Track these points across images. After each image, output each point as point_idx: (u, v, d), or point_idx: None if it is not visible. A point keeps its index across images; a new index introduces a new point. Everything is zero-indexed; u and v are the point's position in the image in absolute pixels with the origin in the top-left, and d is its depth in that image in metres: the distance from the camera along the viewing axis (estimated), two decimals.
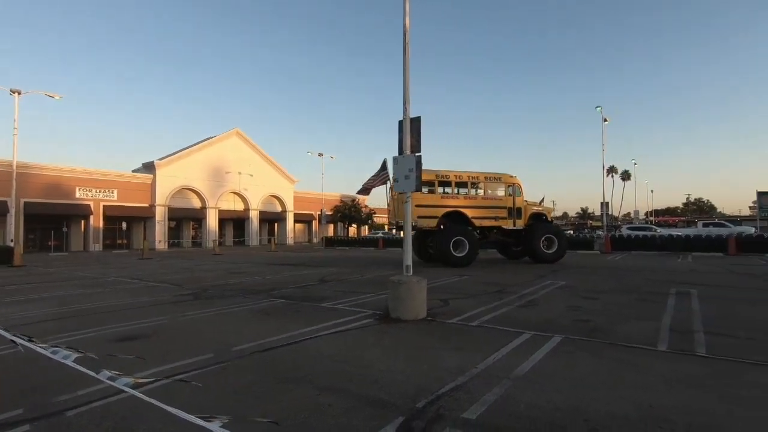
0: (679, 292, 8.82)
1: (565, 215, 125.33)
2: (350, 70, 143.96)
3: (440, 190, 16.75)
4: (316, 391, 3.62)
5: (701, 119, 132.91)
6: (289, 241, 51.35)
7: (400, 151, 7.01)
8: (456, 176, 16.80)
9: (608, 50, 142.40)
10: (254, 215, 48.29)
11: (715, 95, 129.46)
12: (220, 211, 44.96)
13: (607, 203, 26.27)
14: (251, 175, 46.95)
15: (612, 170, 74.54)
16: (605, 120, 26.58)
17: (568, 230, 48.41)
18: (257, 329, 6.03)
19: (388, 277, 7.00)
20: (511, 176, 17.44)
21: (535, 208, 18.31)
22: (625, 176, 74.55)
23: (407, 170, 6.76)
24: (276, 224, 53.67)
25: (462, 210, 16.61)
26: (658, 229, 33.12)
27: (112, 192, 37.36)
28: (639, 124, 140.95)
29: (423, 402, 3.34)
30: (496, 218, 17.07)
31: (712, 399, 3.39)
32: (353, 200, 55.23)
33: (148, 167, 40.22)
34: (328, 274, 14.14)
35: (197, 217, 44.50)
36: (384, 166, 17.29)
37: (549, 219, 18.83)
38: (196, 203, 43.63)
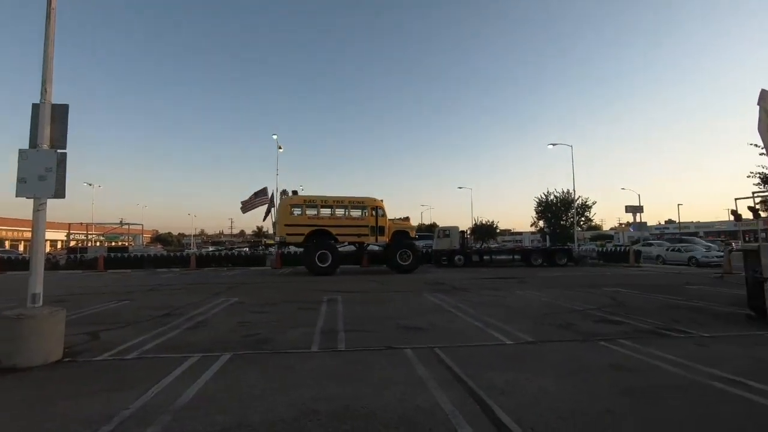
0: (329, 299, 10.59)
1: (242, 233, 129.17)
2: None
3: (308, 211, 19.67)
4: None
5: (351, 154, 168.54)
6: None
7: (33, 143, 5.34)
8: (322, 200, 20.03)
9: (286, 80, 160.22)
10: None
11: (363, 133, 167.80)
12: None
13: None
14: None
15: (284, 194, 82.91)
16: (280, 148, 29.46)
17: (243, 248, 49.96)
18: None
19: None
20: (375, 199, 20.71)
21: (399, 226, 21.23)
22: None
23: (43, 169, 5.21)
24: None
25: (327, 228, 19.56)
26: None
27: None
28: (306, 151, 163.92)
29: None
30: (358, 235, 20.22)
31: (348, 384, 4.18)
32: None
33: None
34: None
35: None
36: (265, 192, 23.32)
37: (412, 235, 21.51)
38: None
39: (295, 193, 20.59)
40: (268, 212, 24.50)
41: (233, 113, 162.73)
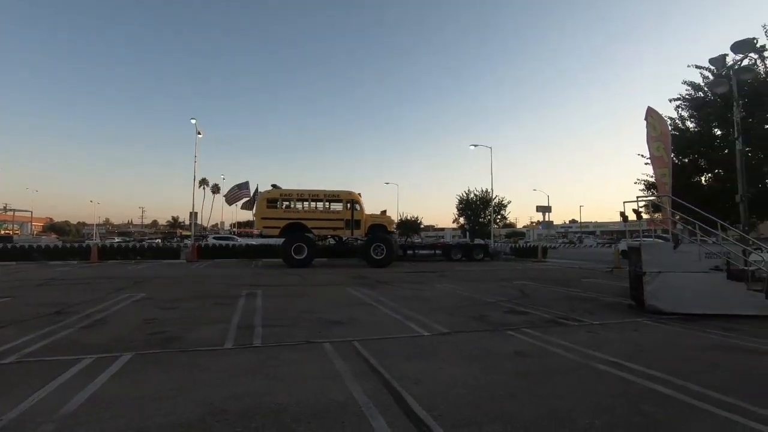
0: (248, 294, 10.19)
1: (155, 223, 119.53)
2: None
3: (285, 205, 20.05)
4: None
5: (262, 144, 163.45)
6: None
7: None
8: (298, 194, 20.37)
9: (198, 66, 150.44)
10: None
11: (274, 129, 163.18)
12: None
13: (197, 213, 27.12)
14: None
15: (204, 182, 78.19)
16: (199, 133, 27.58)
17: (155, 239, 46.35)
18: None
19: None
20: (351, 193, 20.57)
21: (375, 220, 20.80)
22: (215, 189, 79.95)
23: None
24: None
25: (302, 221, 19.83)
26: (239, 239, 37.47)
27: None
28: (231, 142, 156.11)
29: None
30: (333, 228, 20.36)
31: (262, 381, 4.05)
32: None
33: None
34: None
35: None
36: (247, 185, 23.68)
37: (390, 229, 20.96)
38: None
39: (275, 187, 20.64)
40: (251, 204, 24.13)
41: (146, 91, 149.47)
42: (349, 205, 20.48)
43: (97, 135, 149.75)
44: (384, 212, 23.35)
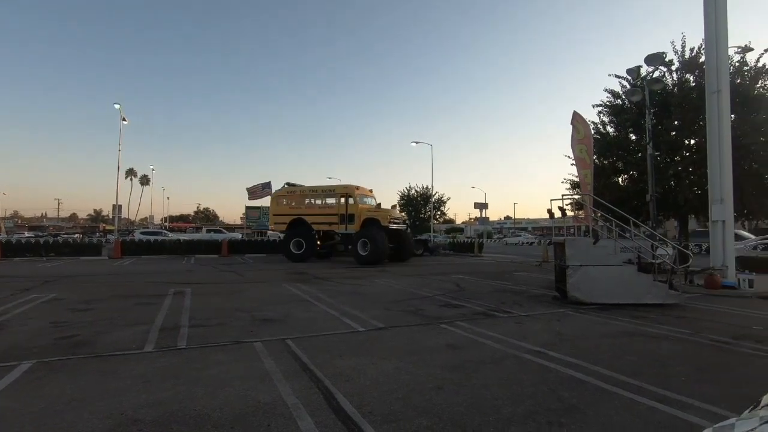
0: (176, 292, 9.58)
1: (74, 217, 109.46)
2: None
3: (290, 201, 20.91)
4: None
5: (210, 140, 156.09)
6: None
7: None
8: (301, 190, 21.05)
9: (134, 48, 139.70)
10: None
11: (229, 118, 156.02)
12: None
13: (121, 206, 25.06)
14: None
15: (131, 173, 72.86)
16: (124, 120, 25.52)
17: (74, 234, 42.42)
18: None
19: None
20: (346, 186, 20.57)
21: (370, 214, 19.78)
22: (144, 181, 74.79)
23: None
24: None
25: (303, 217, 20.29)
26: (170, 234, 35.29)
27: None
28: (163, 131, 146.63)
29: None
30: (329, 224, 20.04)
31: (183, 386, 3.79)
32: None
33: None
34: None
35: None
36: (269, 185, 24.88)
37: (384, 224, 19.36)
38: None
39: (289, 185, 21.54)
40: (253, 194, 26.19)
41: (60, 67, 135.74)
42: (343, 199, 19.97)
43: (1, 115, 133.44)
44: (380, 205, 21.36)
